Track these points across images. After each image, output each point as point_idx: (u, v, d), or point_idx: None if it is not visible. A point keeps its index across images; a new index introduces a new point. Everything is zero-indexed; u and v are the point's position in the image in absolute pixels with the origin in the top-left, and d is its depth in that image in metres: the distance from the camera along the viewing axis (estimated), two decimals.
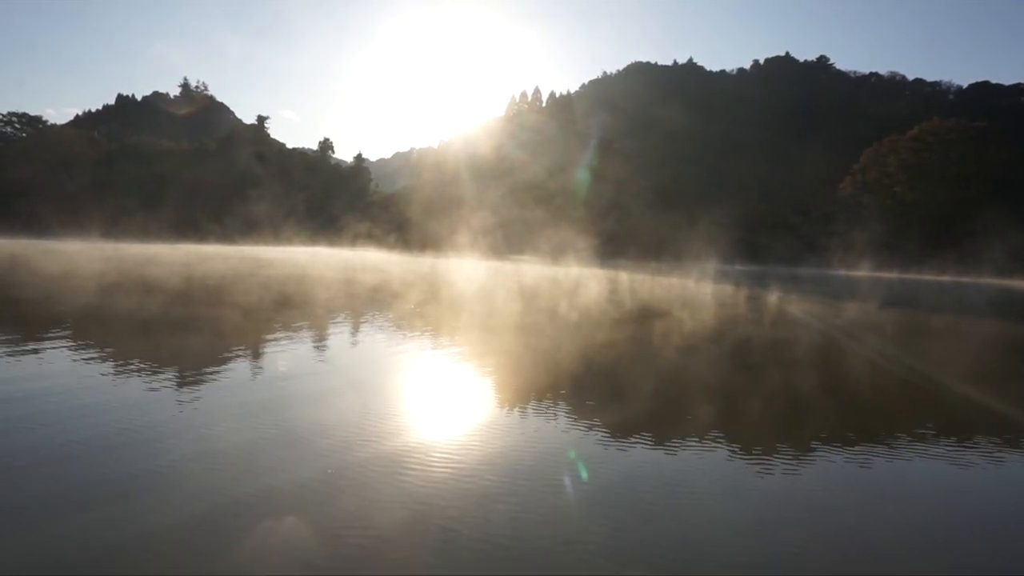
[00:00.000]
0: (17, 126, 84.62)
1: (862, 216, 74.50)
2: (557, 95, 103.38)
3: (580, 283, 23.22)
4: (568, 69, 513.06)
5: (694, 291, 21.85)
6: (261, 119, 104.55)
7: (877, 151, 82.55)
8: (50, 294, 13.38)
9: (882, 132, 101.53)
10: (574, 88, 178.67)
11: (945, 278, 54.24)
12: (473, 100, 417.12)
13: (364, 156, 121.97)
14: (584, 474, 3.96)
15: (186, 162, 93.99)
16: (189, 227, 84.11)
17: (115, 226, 76.94)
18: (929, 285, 40.49)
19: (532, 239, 75.46)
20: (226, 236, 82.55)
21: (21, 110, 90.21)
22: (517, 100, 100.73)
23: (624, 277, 30.04)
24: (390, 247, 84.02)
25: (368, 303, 14.43)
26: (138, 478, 3.57)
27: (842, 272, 57.10)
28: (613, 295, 18.48)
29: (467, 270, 33.56)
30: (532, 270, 35.25)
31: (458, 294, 17.27)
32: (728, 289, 24.07)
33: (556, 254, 62.63)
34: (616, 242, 65.89)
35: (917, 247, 61.53)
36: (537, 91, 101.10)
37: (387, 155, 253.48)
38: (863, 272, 56.89)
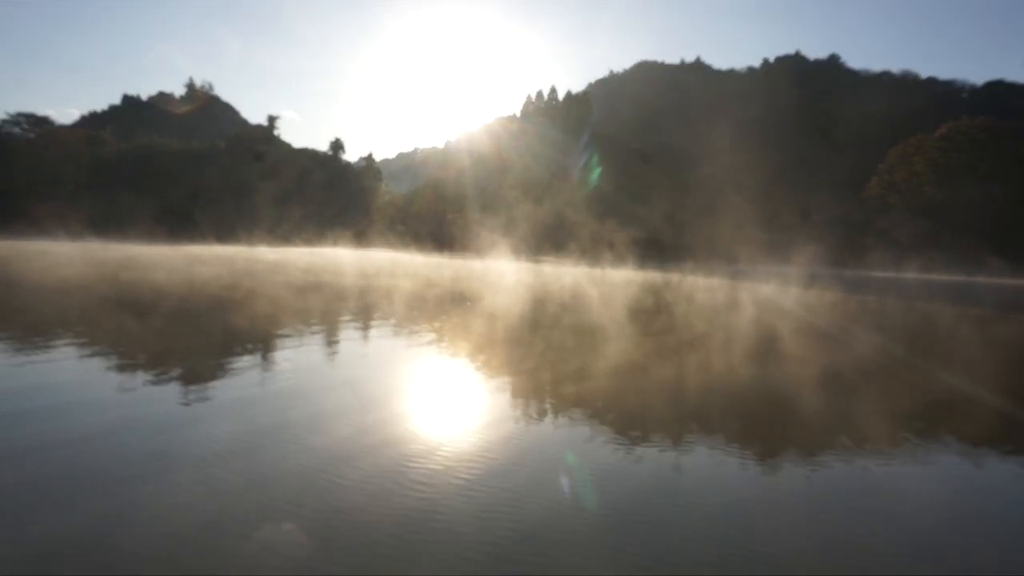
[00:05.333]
0: (25, 127, 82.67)
1: (891, 216, 73.11)
2: (573, 93, 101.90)
3: (697, 294, 21.10)
4: (574, 69, 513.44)
5: (837, 302, 19.95)
6: (272, 119, 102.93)
7: (903, 150, 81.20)
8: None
9: (895, 131, 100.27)
10: (580, 88, 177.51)
11: (1016, 281, 52.20)
12: (476, 100, 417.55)
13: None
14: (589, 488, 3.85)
15: (196, 162, 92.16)
16: (200, 228, 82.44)
17: (125, 227, 75.24)
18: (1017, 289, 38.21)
19: (555, 240, 73.84)
20: (237, 237, 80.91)
21: (21, 110, 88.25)
22: (533, 99, 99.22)
23: (715, 283, 28.22)
24: (405, 247, 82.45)
25: (512, 322, 12.38)
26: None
27: (892, 274, 55.42)
28: (774, 311, 16.20)
29: (521, 275, 31.49)
30: (593, 275, 33.43)
31: (593, 311, 14.54)
32: (857, 299, 22.24)
33: (586, 256, 60.83)
34: (642, 243, 64.26)
35: (970, 248, 59.94)
36: (553, 90, 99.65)
37: (390, 155, 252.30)
38: (912, 274, 55.24)
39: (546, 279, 26.43)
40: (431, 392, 6.22)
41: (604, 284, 24.65)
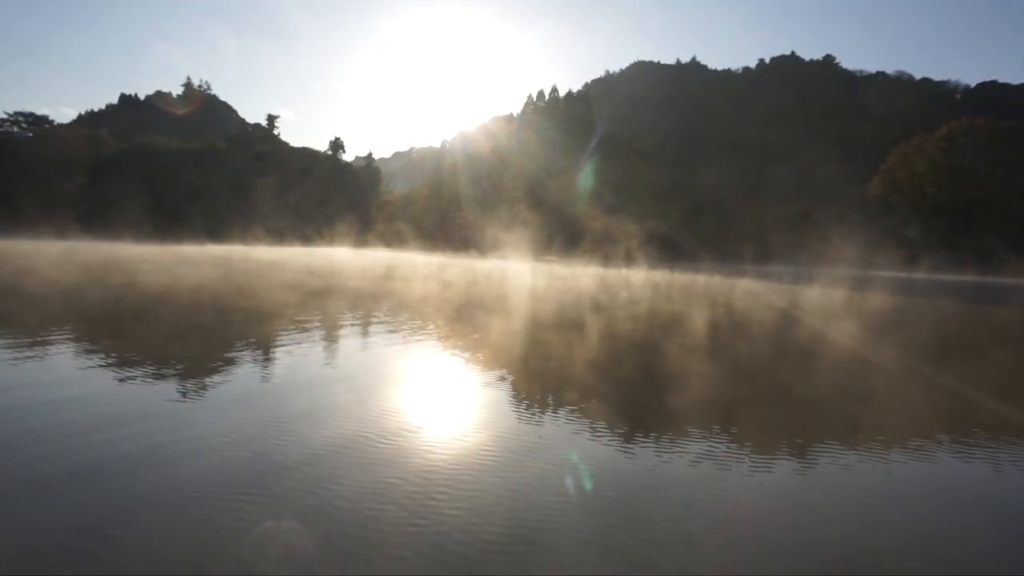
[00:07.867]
0: (24, 126, 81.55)
1: (897, 216, 73.72)
2: (574, 92, 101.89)
3: (757, 300, 20.29)
4: (570, 69, 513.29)
5: (902, 309, 19.44)
6: (271, 118, 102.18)
7: (905, 150, 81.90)
8: None
9: (891, 131, 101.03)
10: (577, 87, 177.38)
11: None
12: (472, 100, 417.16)
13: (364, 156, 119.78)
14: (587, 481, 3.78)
15: (195, 162, 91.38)
16: (198, 227, 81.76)
17: (122, 226, 74.51)
18: None
19: (561, 239, 73.82)
20: (234, 236, 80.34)
21: (18, 109, 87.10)
22: (534, 99, 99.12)
23: (757, 288, 27.88)
24: (405, 247, 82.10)
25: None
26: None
27: (905, 274, 55.73)
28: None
29: (539, 277, 30.67)
30: (616, 277, 33.21)
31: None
32: (920, 303, 21.93)
33: (596, 256, 60.80)
34: (655, 242, 64.35)
35: (983, 247, 60.36)
36: (555, 89, 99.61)
37: (387, 155, 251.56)
38: (923, 274, 55.65)
39: (571, 283, 25.65)
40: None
41: (640, 288, 24.38)
